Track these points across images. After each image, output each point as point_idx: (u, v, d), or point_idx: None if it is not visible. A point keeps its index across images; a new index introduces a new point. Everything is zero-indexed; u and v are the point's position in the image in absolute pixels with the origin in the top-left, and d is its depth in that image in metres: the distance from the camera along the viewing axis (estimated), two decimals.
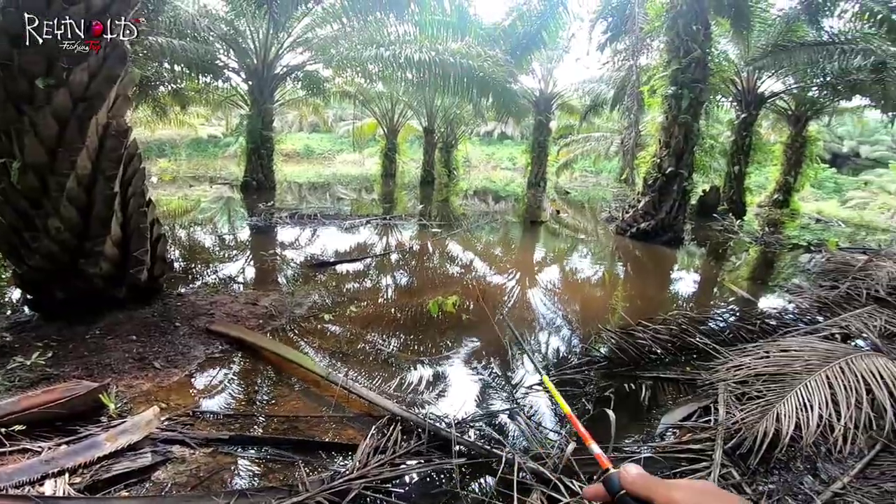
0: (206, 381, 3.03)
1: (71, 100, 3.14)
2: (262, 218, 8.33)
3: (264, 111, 12.20)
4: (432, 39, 10.12)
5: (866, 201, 21.43)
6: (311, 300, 4.49)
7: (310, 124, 33.16)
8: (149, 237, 3.77)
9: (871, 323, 4.20)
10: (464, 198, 15.98)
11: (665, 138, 8.48)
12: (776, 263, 8.28)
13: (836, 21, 10.27)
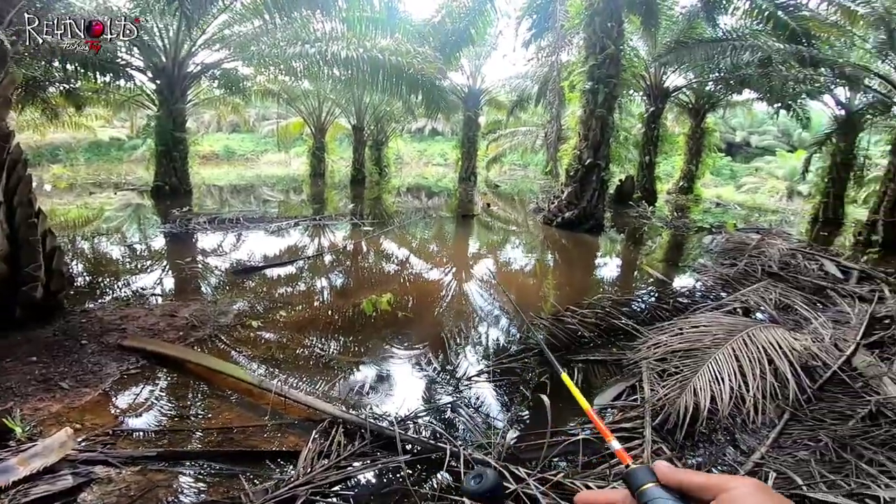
0: (124, 398, 2.80)
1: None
2: (178, 224, 7.72)
3: (175, 111, 11.30)
4: (361, 36, 9.92)
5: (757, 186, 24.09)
6: (238, 308, 4.26)
7: (229, 124, 31.19)
8: (41, 250, 3.38)
9: (766, 296, 4.69)
10: (396, 195, 15.88)
11: (584, 131, 8.97)
12: (685, 245, 9.07)
13: (729, 18, 11.25)
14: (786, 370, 2.90)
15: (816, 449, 2.40)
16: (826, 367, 3.16)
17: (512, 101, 18.99)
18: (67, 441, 2.12)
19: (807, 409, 2.77)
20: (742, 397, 2.73)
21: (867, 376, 3.13)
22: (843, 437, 2.45)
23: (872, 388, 2.97)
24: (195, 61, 11.38)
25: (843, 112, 13.53)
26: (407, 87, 10.59)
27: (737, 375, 2.85)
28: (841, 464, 2.28)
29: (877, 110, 12.67)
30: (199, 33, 10.63)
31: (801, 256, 6.37)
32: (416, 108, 14.58)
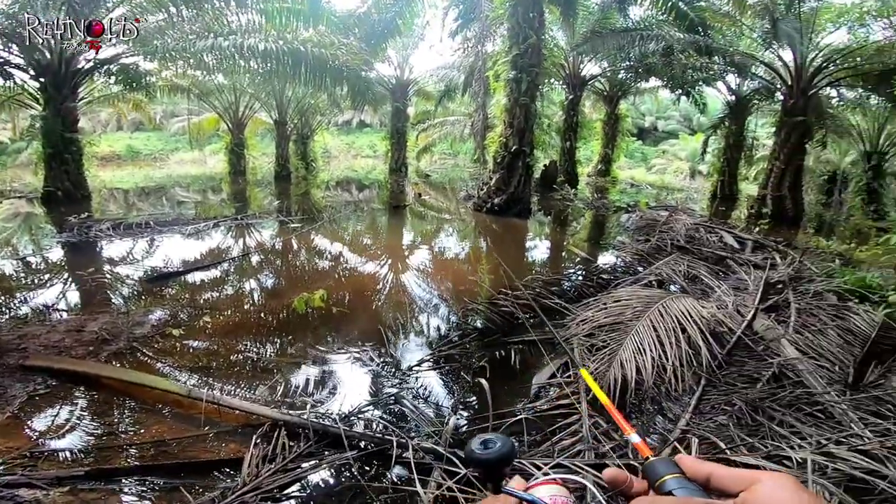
0: (37, 419, 2.58)
1: None
2: (77, 233, 6.94)
3: (64, 110, 10.07)
4: (281, 28, 9.46)
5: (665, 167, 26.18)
6: (156, 317, 3.94)
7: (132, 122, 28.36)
8: None
9: (676, 268, 5.10)
10: (325, 189, 15.40)
11: (509, 119, 9.22)
12: (605, 224, 9.67)
13: (639, 9, 11.94)
14: (697, 338, 3.09)
15: (732, 413, 2.57)
16: (731, 333, 3.39)
17: (440, 91, 19.02)
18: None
19: (719, 375, 2.96)
20: (663, 366, 2.88)
21: (767, 339, 3.40)
22: (755, 401, 2.63)
23: (773, 351, 3.23)
24: (87, 57, 10.22)
25: (733, 97, 15.04)
26: (332, 80, 10.24)
27: (656, 345, 3.01)
28: (756, 426, 2.45)
29: (762, 95, 14.23)
30: None
31: (703, 230, 7.02)
32: (342, 100, 14.18)
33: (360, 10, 11.37)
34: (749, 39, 12.20)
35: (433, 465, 2.13)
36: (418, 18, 13.62)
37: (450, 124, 22.43)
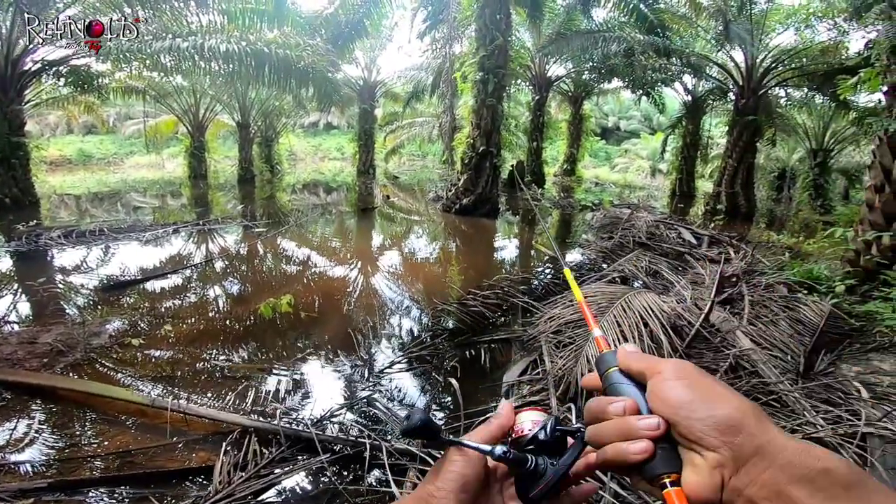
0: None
1: None
2: (25, 241, 6.57)
3: (10, 113, 9.52)
4: (244, 29, 9.23)
5: (627, 166, 27.01)
6: (113, 327, 3.79)
7: (83, 125, 27.02)
8: None
9: (638, 265, 5.26)
10: (291, 193, 15.12)
11: (476, 120, 9.32)
12: (572, 223, 9.90)
13: (602, 11, 12.29)
14: (659, 332, 3.20)
15: None
16: (690, 326, 3.51)
17: (408, 92, 18.99)
18: None
19: None
20: None
21: (724, 331, 3.54)
22: None
23: (729, 343, 3.37)
24: (34, 58, 9.70)
25: (690, 98, 15.67)
26: (297, 82, 10.07)
27: (620, 340, 3.10)
28: None
29: (716, 95, 14.88)
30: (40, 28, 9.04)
31: (663, 227, 7.28)
32: (307, 102, 13.95)
33: (326, 11, 11.25)
34: (704, 41, 12.74)
35: (408, 465, 2.14)
36: (386, 20, 13.57)
37: (418, 125, 22.43)
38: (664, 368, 0.44)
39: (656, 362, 0.45)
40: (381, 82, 18.94)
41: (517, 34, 11.34)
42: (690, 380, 0.42)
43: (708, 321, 3.70)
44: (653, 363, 0.45)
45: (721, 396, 0.40)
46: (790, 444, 0.37)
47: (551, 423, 0.51)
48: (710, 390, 0.41)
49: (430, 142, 24.68)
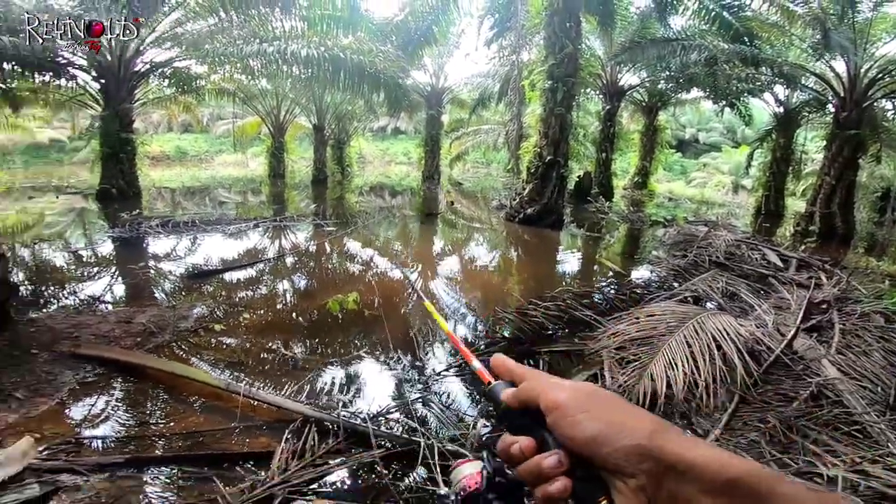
0: (83, 406, 2.71)
1: None
2: (128, 229, 7.36)
3: (122, 111, 10.71)
4: (322, 35, 9.76)
5: (705, 181, 25.39)
6: (198, 312, 4.13)
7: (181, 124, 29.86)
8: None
9: (714, 285, 4.96)
10: (359, 194, 15.71)
11: (544, 129, 9.18)
12: (640, 238, 9.46)
13: (680, 19, 11.75)
14: (733, 355, 3.02)
15: (765, 430, 2.51)
16: (770, 352, 3.28)
17: (474, 99, 19.12)
18: (29, 450, 2.08)
19: (754, 392, 2.89)
20: (695, 382, 2.83)
21: (808, 359, 3.27)
22: (789, 419, 2.56)
23: (813, 371, 3.11)
24: (144, 60, 10.84)
25: (781, 109, 14.47)
26: (369, 86, 10.49)
27: (689, 361, 2.95)
28: (789, 444, 2.39)
29: (812, 107, 13.62)
30: (149, 31, 10.13)
31: (745, 247, 6.77)
32: (378, 106, 14.48)
33: (397, 17, 11.62)
34: (799, 50, 11.76)
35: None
36: (454, 27, 13.79)
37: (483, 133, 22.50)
38: (561, 401, 0.42)
39: (549, 391, 0.43)
40: (449, 89, 19.23)
41: (587, 42, 11.07)
42: (592, 410, 0.41)
43: (791, 347, 3.43)
44: (545, 392, 0.44)
45: (625, 423, 0.40)
46: (701, 456, 0.37)
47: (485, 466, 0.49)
48: (614, 418, 0.41)
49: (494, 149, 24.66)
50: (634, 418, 0.41)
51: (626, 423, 0.40)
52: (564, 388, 0.44)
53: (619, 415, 0.41)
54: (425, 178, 19.45)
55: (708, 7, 10.51)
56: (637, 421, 0.40)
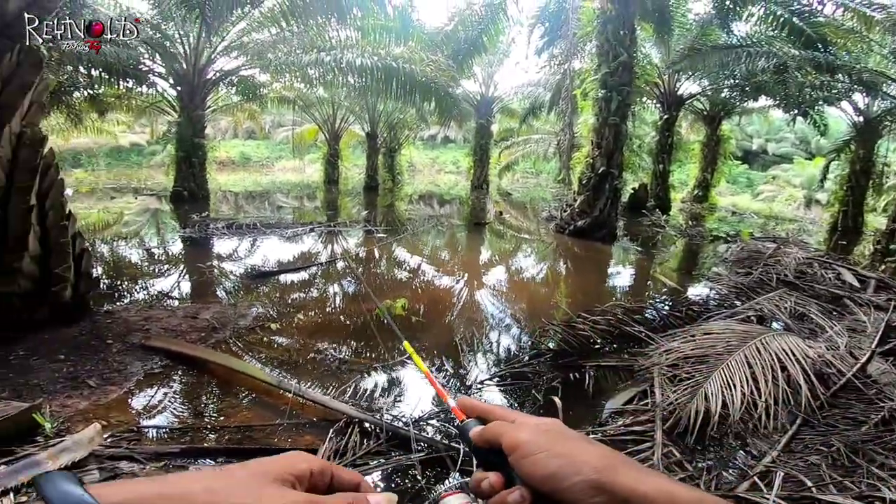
0: (147, 396, 2.90)
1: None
2: (197, 229, 7.91)
3: (195, 118, 11.56)
4: (375, 44, 10.08)
5: (774, 194, 23.78)
6: (256, 311, 4.36)
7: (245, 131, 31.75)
8: (71, 252, 3.52)
9: (781, 305, 4.66)
10: (409, 202, 15.99)
11: (597, 139, 8.97)
12: (699, 254, 9.00)
13: (744, 25, 11.22)
14: (799, 377, 2.91)
15: (828, 454, 2.41)
16: (840, 375, 3.13)
17: (524, 108, 19.03)
18: (95, 437, 2.16)
19: (819, 415, 2.78)
20: (754, 403, 2.74)
21: (882, 383, 3.12)
22: (856, 442, 2.46)
23: (886, 395, 2.97)
24: (214, 68, 11.64)
25: (861, 119, 13.36)
26: (420, 95, 10.71)
27: (749, 381, 2.86)
28: (853, 468, 2.30)
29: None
30: (219, 40, 10.87)
31: (817, 265, 6.29)
32: (428, 115, 14.71)
33: (447, 27, 11.78)
34: (879, 56, 10.86)
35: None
36: (503, 35, 13.80)
37: (533, 142, 22.31)
38: (521, 442, 0.44)
39: (510, 431, 0.46)
40: (498, 98, 19.24)
41: (643, 49, 10.74)
42: (550, 448, 0.43)
43: (864, 371, 3.23)
44: (507, 433, 0.46)
45: (581, 459, 0.42)
46: (653, 489, 0.39)
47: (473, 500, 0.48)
48: (571, 454, 0.42)
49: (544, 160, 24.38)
50: (590, 454, 0.43)
51: (582, 459, 0.42)
52: (525, 428, 0.46)
53: (576, 451, 0.43)
54: (474, 188, 19.51)
55: (776, 13, 9.95)
56: (592, 457, 0.42)
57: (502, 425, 0.47)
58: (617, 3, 8.48)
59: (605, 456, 0.43)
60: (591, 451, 0.43)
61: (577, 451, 0.43)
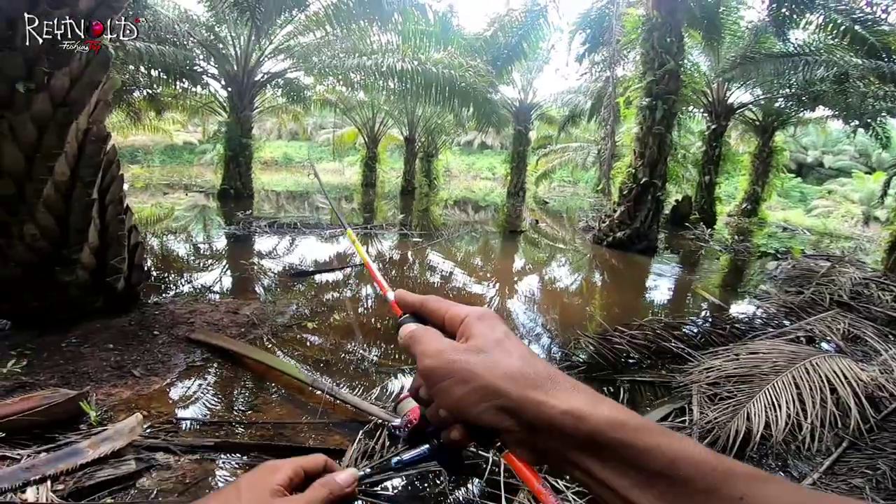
0: (187, 389, 3.00)
1: (51, 105, 3.10)
2: (241, 227, 8.22)
3: (243, 118, 12.06)
4: (415, 49, 10.22)
5: (830, 210, 22.45)
6: (293, 309, 4.47)
7: (289, 132, 32.92)
8: (126, 245, 3.72)
9: (834, 326, 4.41)
10: (444, 207, 16.05)
11: (640, 149, 8.74)
12: (745, 271, 8.60)
13: (801, 33, 10.75)
14: (849, 399, 2.82)
15: (873, 477, 2.35)
16: (893, 399, 3.02)
17: (563, 116, 18.81)
18: (136, 427, 2.21)
19: (867, 438, 2.69)
20: (799, 424, 2.68)
21: None
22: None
23: None
24: (262, 70, 12.13)
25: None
26: (459, 101, 10.77)
27: (795, 403, 2.80)
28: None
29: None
30: (267, 43, 11.30)
31: (874, 286, 5.90)
32: (466, 121, 14.76)
33: (486, 33, 11.81)
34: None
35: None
36: (543, 42, 13.76)
37: (571, 151, 21.99)
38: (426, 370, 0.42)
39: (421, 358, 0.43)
40: (537, 104, 19.08)
41: (690, 57, 10.39)
42: (455, 374, 0.40)
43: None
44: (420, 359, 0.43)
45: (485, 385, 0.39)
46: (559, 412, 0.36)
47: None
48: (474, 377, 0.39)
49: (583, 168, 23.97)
50: (494, 375, 0.39)
51: (485, 385, 0.39)
52: (430, 354, 0.42)
53: (479, 374, 0.39)
54: (510, 195, 19.39)
55: (836, 21, 9.45)
56: (497, 378, 0.39)
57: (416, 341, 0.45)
58: (663, 11, 8.26)
59: (513, 374, 0.39)
60: (498, 368, 0.39)
61: (483, 371, 0.39)
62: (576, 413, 0.36)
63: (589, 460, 0.36)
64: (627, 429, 0.35)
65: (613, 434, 0.35)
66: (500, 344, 0.42)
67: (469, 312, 0.45)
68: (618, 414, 0.36)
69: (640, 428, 0.36)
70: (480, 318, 0.44)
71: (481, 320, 0.44)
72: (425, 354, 0.43)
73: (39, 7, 2.93)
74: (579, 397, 0.38)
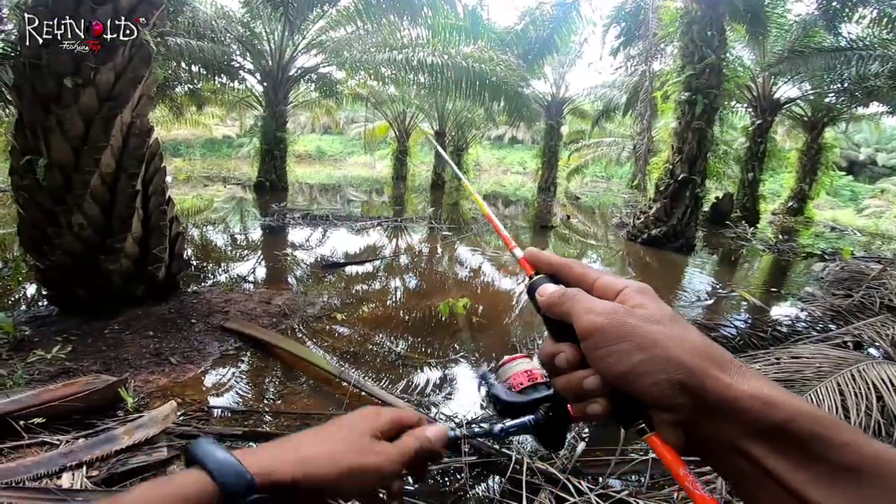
0: (220, 377, 3.09)
1: (97, 99, 3.24)
2: (275, 218, 8.42)
3: (278, 112, 12.33)
4: (445, 43, 10.18)
5: (883, 210, 21.11)
6: (323, 300, 4.54)
7: (322, 126, 33.46)
8: (168, 235, 3.86)
9: (884, 332, 4.15)
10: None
11: (678, 144, 8.44)
12: (789, 272, 8.20)
13: (853, 26, 10.15)
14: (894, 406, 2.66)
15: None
16: None
17: (597, 110, 18.35)
18: (170, 415, 2.23)
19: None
20: None
21: None
22: None
23: None
24: (296, 65, 12.36)
25: None
26: (489, 95, 10.67)
27: (839, 410, 2.65)
28: None
29: None
30: (300, 38, 11.50)
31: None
32: (497, 115, 14.61)
33: (517, 26, 11.59)
34: None
35: (542, 486, 2.07)
36: (576, 36, 13.40)
37: (605, 146, 21.47)
38: (595, 329, 0.37)
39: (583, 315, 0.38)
40: (569, 99, 18.68)
41: (733, 51, 9.91)
42: (631, 338, 0.36)
43: None
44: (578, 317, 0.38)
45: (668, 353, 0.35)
46: (747, 396, 0.34)
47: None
48: (655, 346, 0.36)
49: (617, 164, 23.37)
50: (681, 347, 0.36)
51: (669, 354, 0.36)
52: (600, 312, 0.38)
53: (663, 341, 0.36)
54: (541, 190, 19.12)
55: (891, 15, 8.83)
56: (683, 351, 0.36)
57: (574, 299, 0.40)
58: (703, 4, 7.93)
59: (699, 350, 0.36)
60: (682, 342, 0.36)
61: (666, 341, 0.36)
62: (766, 399, 0.34)
63: (763, 450, 0.33)
64: (823, 423, 0.33)
65: (807, 425, 0.33)
66: (675, 320, 0.38)
67: (627, 284, 0.41)
68: (809, 407, 0.34)
69: (834, 424, 0.33)
70: (641, 291, 0.41)
71: (642, 294, 0.41)
72: (593, 311, 0.38)
73: (84, 5, 3.05)
74: (767, 384, 0.35)
